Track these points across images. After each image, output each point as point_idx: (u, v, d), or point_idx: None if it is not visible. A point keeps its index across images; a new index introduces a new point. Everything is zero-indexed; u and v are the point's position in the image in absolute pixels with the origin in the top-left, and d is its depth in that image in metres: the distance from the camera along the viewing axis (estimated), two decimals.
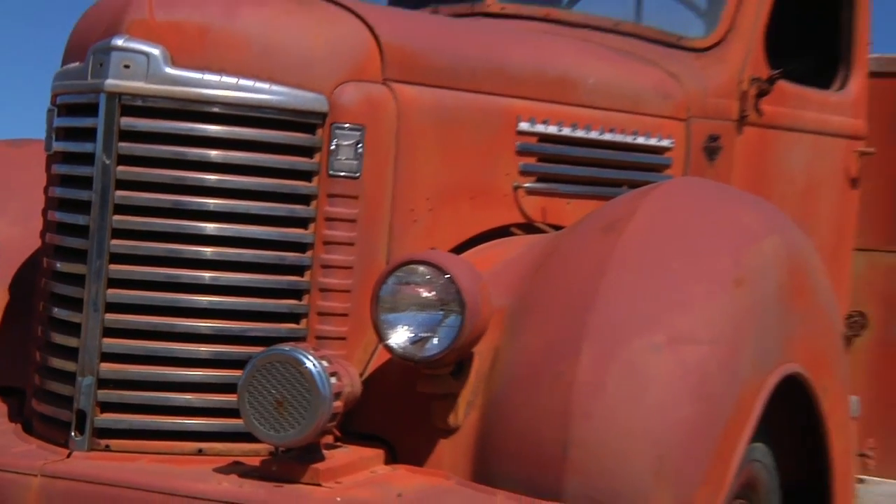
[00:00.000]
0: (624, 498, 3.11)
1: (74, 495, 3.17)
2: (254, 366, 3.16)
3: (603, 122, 4.38)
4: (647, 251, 3.55)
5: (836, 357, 4.10)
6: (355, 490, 3.18)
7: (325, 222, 3.56)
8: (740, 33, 4.86)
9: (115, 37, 3.47)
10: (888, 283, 5.80)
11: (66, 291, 3.58)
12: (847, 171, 5.50)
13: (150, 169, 3.49)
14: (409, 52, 3.77)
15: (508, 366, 3.42)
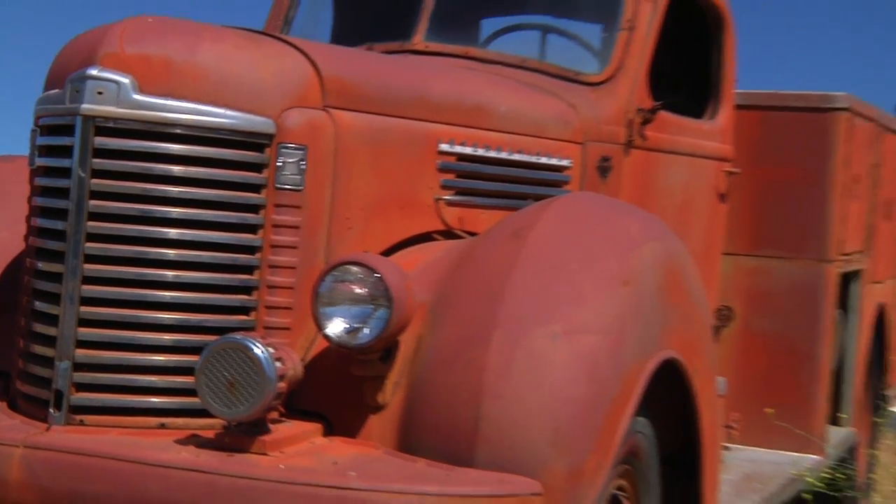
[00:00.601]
0: (526, 465, 3.19)
1: (52, 464, 3.21)
2: (209, 352, 3.23)
3: (512, 145, 4.48)
4: (547, 254, 3.66)
5: (706, 344, 4.28)
6: (297, 459, 3.24)
7: (272, 228, 3.65)
8: (628, 71, 4.95)
9: (90, 67, 3.53)
10: (750, 282, 6.01)
11: (47, 287, 3.63)
12: (717, 187, 5.65)
13: (120, 182, 3.54)
14: (345, 82, 3.87)
15: (429, 352, 3.51)
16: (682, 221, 5.23)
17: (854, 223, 6.53)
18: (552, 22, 5.48)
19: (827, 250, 6.08)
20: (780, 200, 6.02)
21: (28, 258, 3.78)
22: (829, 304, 6.11)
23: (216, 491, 3.05)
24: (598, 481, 3.39)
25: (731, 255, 5.98)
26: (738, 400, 5.90)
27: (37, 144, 3.78)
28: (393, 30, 5.17)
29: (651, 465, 4.02)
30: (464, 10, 5.33)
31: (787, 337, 6.03)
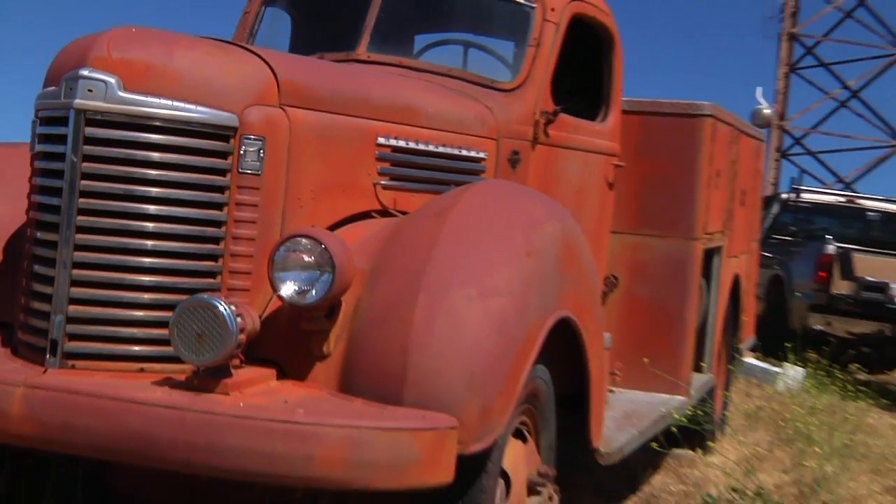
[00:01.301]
0: (445, 404, 3.20)
1: (48, 401, 3.20)
2: (181, 309, 3.24)
3: (438, 140, 4.47)
4: (465, 230, 3.64)
5: (595, 306, 4.31)
6: (254, 398, 3.27)
7: (235, 206, 3.61)
8: (534, 80, 4.97)
9: (82, 68, 3.49)
10: (632, 255, 6.07)
11: (44, 253, 3.58)
12: (606, 178, 5.67)
13: (107, 165, 3.50)
14: (298, 85, 3.84)
15: (366, 311, 3.49)
16: (577, 205, 5.23)
17: (716, 208, 6.58)
18: (473, 38, 5.48)
19: (694, 230, 6.11)
20: (657, 189, 6.07)
21: (29, 229, 3.73)
22: (695, 274, 6.16)
23: (186, 424, 3.05)
24: (505, 418, 3.40)
25: (617, 234, 6.00)
26: (620, 352, 5.95)
27: (36, 133, 3.73)
28: (340, 42, 5.12)
29: (548, 405, 4.02)
30: (399, 26, 5.29)
31: (661, 301, 6.07)
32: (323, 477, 3.07)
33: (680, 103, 6.20)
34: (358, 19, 5.13)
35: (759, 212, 8.93)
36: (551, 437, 4.10)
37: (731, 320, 7.82)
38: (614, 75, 5.72)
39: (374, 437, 3.08)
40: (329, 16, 5.38)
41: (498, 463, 3.53)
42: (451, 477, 3.19)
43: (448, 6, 5.38)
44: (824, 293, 13.19)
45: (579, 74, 5.53)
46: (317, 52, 5.11)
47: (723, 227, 6.86)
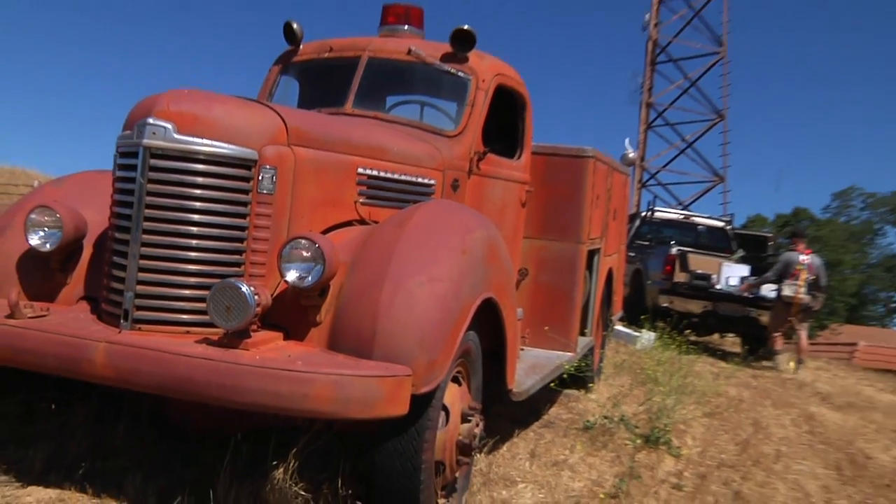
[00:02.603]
0: (403, 358, 3.21)
1: (122, 353, 3.20)
2: (216, 288, 3.21)
3: (401, 170, 4.43)
4: (418, 235, 3.60)
5: (511, 290, 4.24)
6: (267, 353, 3.23)
7: (255, 216, 3.56)
8: (470, 130, 4.96)
9: (149, 117, 3.46)
10: (538, 254, 6.04)
11: (120, 248, 3.53)
12: (520, 199, 5.67)
13: (164, 187, 3.46)
14: (301, 130, 3.78)
15: (347, 292, 3.45)
16: (499, 218, 5.19)
17: (596, 221, 6.54)
18: (427, 100, 5.41)
19: (581, 237, 6.07)
20: (556, 207, 6.02)
21: (110, 231, 3.66)
22: (581, 267, 6.13)
23: (218, 371, 3.06)
24: (445, 368, 3.37)
25: (528, 238, 5.96)
26: (529, 321, 5.92)
27: (117, 163, 3.66)
28: (333, 100, 5.07)
29: (477, 359, 3.97)
30: (375, 90, 5.23)
31: (558, 286, 6.02)
32: (316, 409, 3.06)
33: (572, 148, 6.14)
34: (346, 85, 5.08)
35: (625, 224, 8.89)
36: (479, 382, 4.04)
37: (606, 300, 7.80)
38: (526, 126, 5.69)
39: (352, 382, 3.07)
40: (325, 82, 5.31)
41: (440, 400, 3.49)
42: (406, 409, 3.20)
43: (409, 77, 5.30)
44: (669, 281, 13.25)
45: (502, 125, 5.47)
46: (316, 108, 5.04)
47: (601, 234, 6.81)
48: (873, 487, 6.21)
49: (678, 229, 15.75)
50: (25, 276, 3.88)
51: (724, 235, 15.69)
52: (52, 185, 4.36)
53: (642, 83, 27.88)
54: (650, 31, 27.71)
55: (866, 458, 7.14)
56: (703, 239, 15.50)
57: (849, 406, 10.06)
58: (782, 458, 6.55)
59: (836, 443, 7.64)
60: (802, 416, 8.82)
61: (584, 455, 5.45)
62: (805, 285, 11.79)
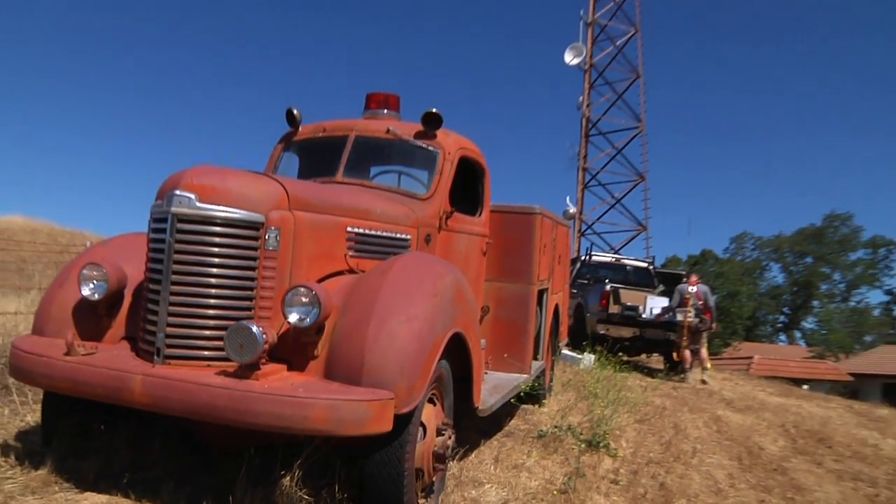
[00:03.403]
0: (386, 384, 3.19)
1: (156, 383, 3.20)
2: (231, 329, 3.20)
3: (383, 228, 4.37)
4: (398, 282, 3.56)
5: (475, 325, 4.16)
6: (273, 382, 3.20)
7: (262, 269, 3.52)
8: (439, 193, 4.93)
9: (175, 190, 3.44)
10: (497, 294, 5.97)
11: (153, 297, 3.50)
12: (481, 249, 5.64)
13: (189, 245, 3.43)
14: (301, 197, 3.74)
15: (340, 330, 3.40)
16: (464, 265, 5.14)
17: (544, 266, 6.48)
18: (404, 169, 5.36)
19: (532, 279, 6.03)
20: (511, 255, 5.98)
21: (145, 282, 3.61)
22: (533, 304, 6.07)
23: (234, 398, 3.05)
24: (422, 392, 3.34)
25: (489, 281, 5.89)
26: (491, 350, 5.85)
27: (150, 227, 3.62)
28: (326, 171, 5.03)
29: (449, 383, 3.92)
30: (361, 162, 5.19)
31: (514, 320, 5.96)
32: (315, 428, 3.05)
33: (523, 206, 6.13)
34: (337, 158, 5.04)
35: (568, 267, 8.79)
36: (451, 401, 3.98)
37: (554, 330, 7.70)
38: (485, 189, 5.66)
39: (345, 405, 3.05)
40: (320, 157, 5.24)
41: (419, 417, 3.45)
42: (390, 427, 3.18)
43: (389, 151, 5.25)
44: (605, 312, 13.23)
45: (465, 189, 5.42)
46: (313, 177, 5.00)
47: (548, 276, 6.77)
48: (765, 472, 6.46)
49: (611, 269, 15.72)
50: (79, 321, 3.84)
51: (647, 274, 15.69)
52: (101, 246, 4.30)
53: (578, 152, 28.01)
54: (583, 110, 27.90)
55: (760, 450, 7.34)
56: (632, 277, 15.47)
57: (747, 408, 10.22)
58: (697, 454, 6.60)
59: (738, 438, 7.79)
60: (712, 418, 8.90)
61: (539, 459, 5.39)
62: (693, 310, 12.30)
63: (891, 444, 8.85)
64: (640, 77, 28.01)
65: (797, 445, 7.81)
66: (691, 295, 12.38)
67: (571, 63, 27.32)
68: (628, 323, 13.26)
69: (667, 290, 14.67)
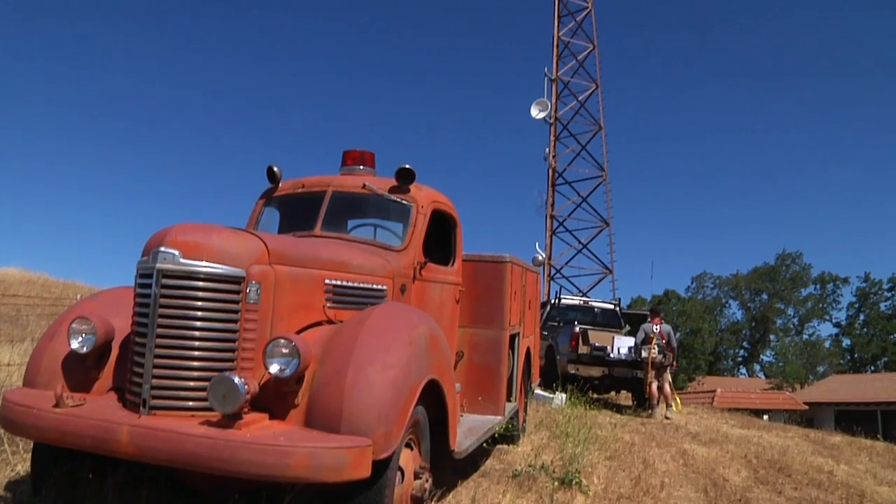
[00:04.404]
0: (364, 432, 3.15)
1: (141, 433, 3.13)
2: (214, 380, 3.16)
3: (359, 279, 4.34)
4: (375, 331, 3.53)
5: (450, 371, 4.11)
6: (255, 431, 3.14)
7: (244, 321, 3.48)
8: (413, 245, 4.92)
9: (161, 246, 3.43)
10: (471, 339, 5.95)
11: (139, 349, 3.45)
12: (455, 297, 5.61)
13: (173, 300, 3.39)
14: (280, 252, 3.71)
15: (319, 379, 3.35)
16: (438, 314, 5.10)
17: (515, 312, 6.48)
18: (380, 222, 5.35)
19: (503, 324, 6.02)
20: (483, 302, 5.98)
21: (132, 335, 3.57)
22: (505, 348, 6.05)
23: (217, 447, 3.00)
24: (399, 437, 3.31)
25: (462, 327, 5.86)
26: (466, 393, 5.80)
27: (137, 282, 3.59)
28: (305, 225, 5.01)
29: (425, 428, 3.87)
30: (339, 216, 5.16)
31: (487, 364, 5.93)
32: (296, 475, 3.00)
33: (494, 255, 6.15)
34: (315, 213, 5.03)
35: (538, 312, 8.74)
36: (427, 445, 3.93)
37: (526, 372, 7.62)
38: (457, 240, 5.65)
39: (324, 453, 3.02)
40: (299, 211, 5.22)
41: (396, 462, 3.41)
42: (369, 472, 3.14)
43: (365, 205, 5.26)
44: (575, 353, 13.21)
45: (438, 239, 5.42)
46: (292, 231, 4.99)
47: (519, 321, 6.76)
48: (729, 502, 6.40)
49: (580, 312, 15.77)
50: (68, 373, 3.79)
51: (614, 315, 15.71)
52: (90, 299, 4.25)
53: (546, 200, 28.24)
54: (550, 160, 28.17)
55: (724, 481, 7.28)
56: (599, 318, 15.49)
57: (711, 441, 10.19)
58: (665, 487, 6.52)
59: (703, 471, 7.74)
60: (679, 452, 8.85)
61: (514, 497, 5.31)
62: (656, 348, 12.43)
63: (843, 469, 8.91)
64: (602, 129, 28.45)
65: (759, 475, 7.78)
66: (655, 334, 12.51)
67: (537, 117, 27.63)
68: (597, 362, 13.21)
69: (633, 330, 14.69)
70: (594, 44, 29.15)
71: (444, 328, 4.94)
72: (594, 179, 28.21)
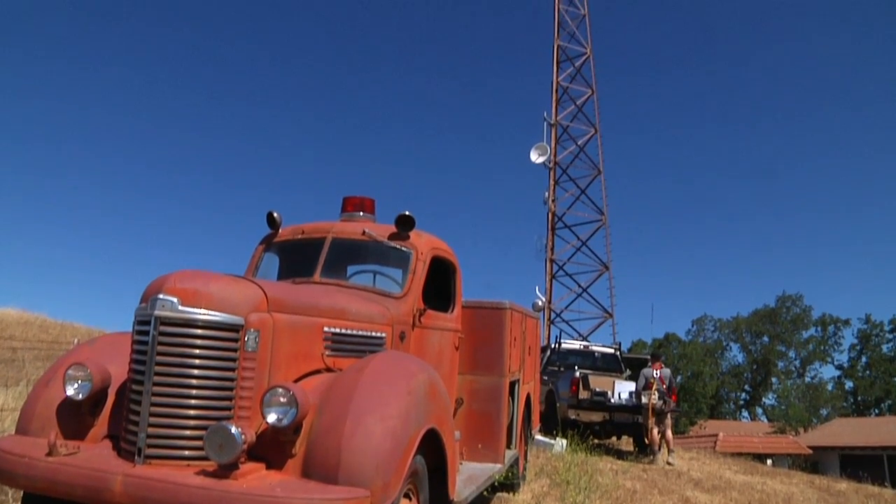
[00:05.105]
0: (362, 483, 3.10)
1: (136, 483, 3.10)
2: (210, 430, 3.11)
3: (358, 327, 4.33)
4: (373, 380, 3.50)
5: (449, 419, 4.08)
6: (252, 482, 3.10)
7: (242, 370, 3.46)
8: (412, 292, 4.90)
9: (160, 293, 3.42)
10: (471, 386, 5.87)
11: (135, 397, 3.42)
12: (454, 344, 5.58)
13: (171, 347, 3.37)
14: (279, 299, 3.70)
15: (317, 429, 3.32)
16: (438, 361, 5.08)
17: (515, 358, 6.45)
18: (379, 269, 5.36)
19: (503, 371, 5.97)
20: (483, 349, 5.97)
21: (128, 382, 3.53)
22: (505, 395, 5.99)
23: (212, 497, 2.96)
24: (397, 489, 3.27)
25: (462, 374, 5.81)
26: (465, 441, 5.73)
27: (135, 329, 3.58)
28: (304, 272, 5.00)
29: (424, 478, 3.81)
30: (338, 263, 5.17)
31: (487, 411, 5.86)
32: None
33: (493, 301, 6.13)
34: (315, 259, 5.03)
35: (539, 358, 8.66)
36: (426, 495, 3.88)
37: (526, 419, 7.54)
38: (457, 286, 5.64)
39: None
40: (299, 257, 5.21)
41: None
42: None
43: (364, 252, 5.25)
44: (575, 398, 13.13)
45: (438, 286, 5.40)
46: (291, 277, 4.99)
47: (519, 367, 6.73)
48: None
49: (580, 356, 15.68)
50: (62, 420, 3.75)
51: (615, 359, 15.62)
52: (87, 345, 4.22)
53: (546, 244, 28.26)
54: (549, 204, 28.27)
55: None
56: (600, 363, 15.39)
57: (714, 488, 10.07)
58: None
59: None
60: (681, 500, 8.73)
61: None
62: (657, 393, 12.31)
63: None
64: (601, 173, 28.64)
65: None
66: (655, 379, 12.41)
67: (537, 161, 27.78)
68: (598, 408, 13.11)
69: (634, 374, 14.60)
70: (593, 89, 29.51)
71: (444, 375, 4.91)
72: (594, 223, 28.32)
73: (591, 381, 13.56)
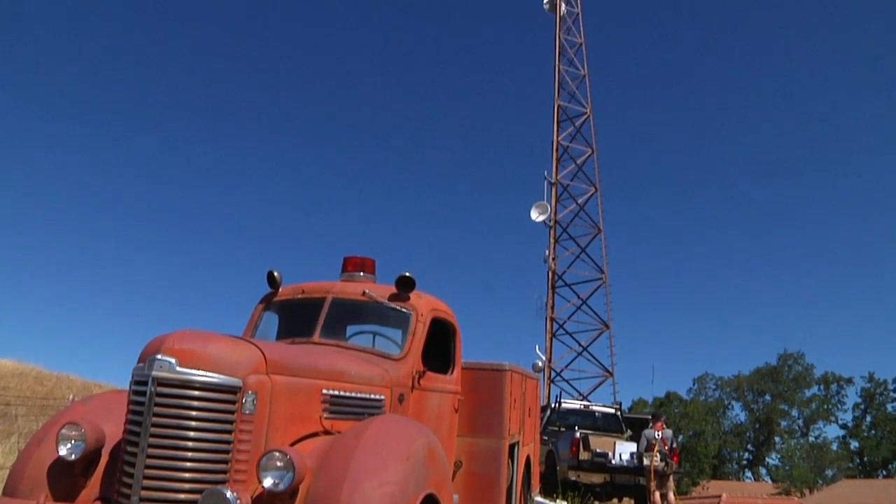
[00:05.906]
0: None
1: None
2: (205, 494, 3.12)
3: (357, 389, 4.32)
4: (372, 444, 3.49)
5: (448, 483, 4.03)
6: None
7: (239, 432, 3.44)
8: (412, 354, 4.91)
9: (157, 354, 3.43)
10: (469, 448, 5.77)
11: (130, 458, 3.39)
12: (453, 406, 5.54)
13: (168, 409, 3.37)
14: (278, 361, 3.70)
15: (314, 493, 3.29)
16: (437, 424, 5.04)
17: (514, 420, 6.39)
18: (378, 330, 5.35)
19: (503, 433, 5.90)
20: (482, 411, 5.87)
21: (123, 443, 3.51)
22: (504, 457, 5.92)
23: None
24: None
25: (461, 436, 5.73)
26: None
27: (131, 388, 3.57)
28: (304, 332, 5.01)
29: None
30: (337, 323, 5.18)
31: (486, 474, 5.77)
32: None
33: (493, 363, 6.10)
34: (314, 320, 5.03)
35: (538, 419, 8.60)
36: None
37: (526, 481, 7.42)
38: (457, 348, 5.61)
39: None
40: (299, 317, 5.21)
41: None
42: None
43: (364, 313, 5.27)
44: (576, 459, 12.99)
45: (437, 348, 5.38)
46: (291, 337, 5.00)
47: (519, 429, 6.66)
48: None
49: (580, 416, 15.55)
50: (53, 481, 3.72)
51: (616, 419, 15.49)
52: (81, 404, 4.22)
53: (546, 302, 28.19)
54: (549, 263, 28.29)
55: None
56: (600, 423, 15.25)
57: None
58: None
59: None
60: None
61: None
62: (659, 455, 11.97)
63: None
64: (601, 232, 28.73)
65: None
66: (657, 440, 12.19)
67: (537, 220, 27.88)
68: (599, 469, 12.95)
69: (635, 434, 14.45)
70: (593, 148, 29.78)
71: (443, 438, 4.87)
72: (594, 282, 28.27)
73: (592, 441, 13.41)
